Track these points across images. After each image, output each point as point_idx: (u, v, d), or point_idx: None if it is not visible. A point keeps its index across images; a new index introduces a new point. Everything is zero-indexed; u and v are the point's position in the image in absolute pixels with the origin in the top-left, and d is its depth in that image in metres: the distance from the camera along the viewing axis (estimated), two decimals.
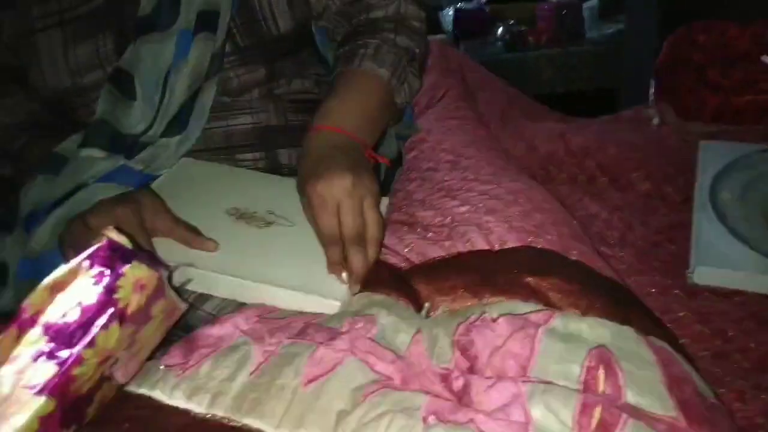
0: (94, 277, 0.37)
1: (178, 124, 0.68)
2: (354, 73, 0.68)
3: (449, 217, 0.64)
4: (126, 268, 0.38)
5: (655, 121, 1.03)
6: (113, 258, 0.38)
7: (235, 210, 0.65)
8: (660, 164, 0.90)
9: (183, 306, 0.47)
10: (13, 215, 0.68)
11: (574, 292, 0.50)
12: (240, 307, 0.58)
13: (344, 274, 0.57)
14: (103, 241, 0.38)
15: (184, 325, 0.58)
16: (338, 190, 0.56)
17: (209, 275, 0.57)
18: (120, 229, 0.39)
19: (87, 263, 0.37)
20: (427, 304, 0.55)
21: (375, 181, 0.60)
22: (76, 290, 0.36)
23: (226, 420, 0.43)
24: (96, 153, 0.67)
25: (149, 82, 0.67)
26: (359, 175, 0.57)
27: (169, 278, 0.44)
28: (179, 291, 0.47)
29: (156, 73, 0.67)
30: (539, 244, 0.57)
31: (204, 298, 0.63)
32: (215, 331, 0.52)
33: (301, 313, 0.55)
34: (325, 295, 0.55)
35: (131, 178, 0.65)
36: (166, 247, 0.59)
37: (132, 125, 0.68)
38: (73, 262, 0.36)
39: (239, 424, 0.43)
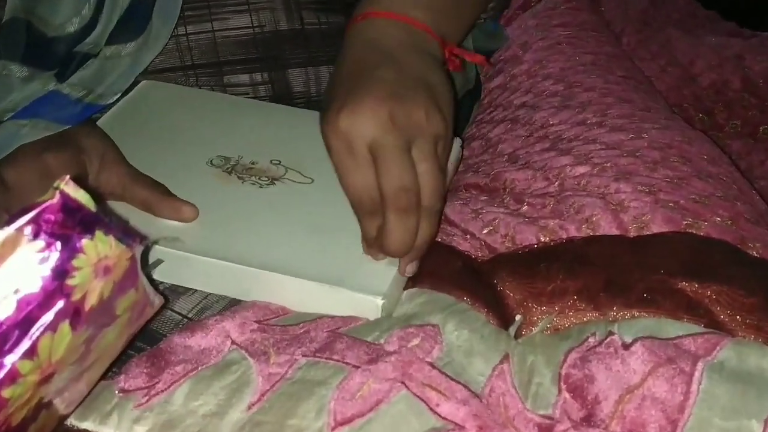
0: (39, 252, 0.36)
1: (133, 22, 0.69)
2: None
3: (557, 182, 0.64)
4: (86, 241, 0.38)
5: None
6: (68, 224, 0.37)
7: (223, 159, 0.67)
8: None
9: (157, 301, 0.47)
10: None
11: (756, 308, 0.51)
12: (229, 306, 0.59)
13: (389, 259, 0.57)
14: (54, 198, 0.37)
15: (145, 331, 0.58)
16: (372, 124, 0.55)
17: (184, 258, 0.58)
18: (79, 181, 0.38)
19: (29, 230, 0.36)
20: (518, 317, 0.55)
21: (447, 105, 0.59)
22: (11, 271, 0.36)
23: None
24: (12, 69, 0.68)
25: None
26: (415, 100, 0.56)
27: (144, 259, 0.44)
28: (150, 278, 0.47)
29: None
30: (701, 229, 0.57)
31: (176, 292, 0.63)
32: (195, 341, 0.53)
33: (324, 316, 0.55)
34: (360, 288, 0.56)
35: (66, 110, 0.66)
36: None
37: (60, 22, 0.68)
38: (9, 229, 0.36)
39: None
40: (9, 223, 0.37)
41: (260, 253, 0.59)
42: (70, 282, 0.39)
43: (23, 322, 0.37)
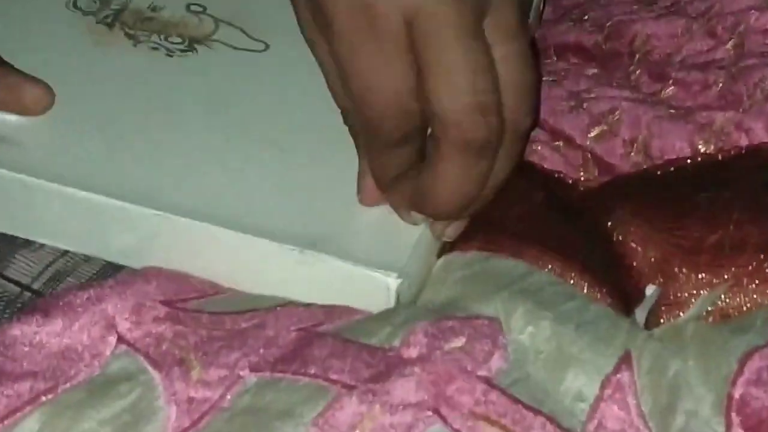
0: None
1: None
2: None
3: (730, 41, 0.62)
4: None
5: None
6: None
7: None
8: None
9: None
10: None
11: None
12: (111, 272, 0.56)
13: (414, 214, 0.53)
14: None
15: None
16: None
17: (26, 184, 0.54)
18: None
19: None
20: (650, 290, 0.53)
21: None
22: None
23: None
24: None
25: None
26: None
27: None
28: None
29: None
30: None
31: (13, 244, 0.61)
32: (50, 334, 0.51)
33: (292, 302, 0.52)
34: (360, 258, 0.51)
35: None
36: None
37: None
38: None
39: None
40: None
41: (173, 183, 0.54)
42: None
43: None
